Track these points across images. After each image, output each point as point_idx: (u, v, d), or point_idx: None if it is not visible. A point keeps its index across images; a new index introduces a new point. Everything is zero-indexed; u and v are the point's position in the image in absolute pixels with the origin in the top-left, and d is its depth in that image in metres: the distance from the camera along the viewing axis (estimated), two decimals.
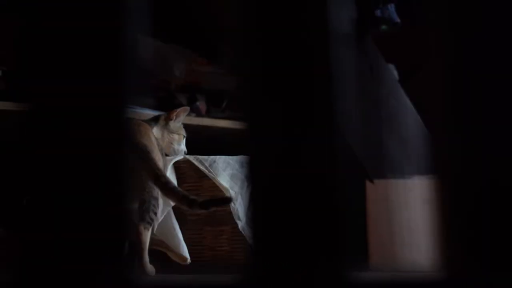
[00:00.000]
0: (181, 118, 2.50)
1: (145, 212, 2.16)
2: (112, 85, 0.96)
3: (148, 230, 2.16)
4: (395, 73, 2.82)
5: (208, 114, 2.93)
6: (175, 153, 2.47)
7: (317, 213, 0.94)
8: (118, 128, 0.96)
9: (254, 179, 0.97)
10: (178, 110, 2.50)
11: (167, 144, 2.45)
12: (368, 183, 2.43)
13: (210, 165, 2.37)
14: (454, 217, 0.95)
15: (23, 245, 0.95)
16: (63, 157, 0.95)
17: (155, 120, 2.46)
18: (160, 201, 2.20)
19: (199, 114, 2.90)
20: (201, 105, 2.94)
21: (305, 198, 0.94)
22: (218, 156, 2.40)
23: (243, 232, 2.33)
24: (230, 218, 2.35)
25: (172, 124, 2.46)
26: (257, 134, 0.97)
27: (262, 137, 0.97)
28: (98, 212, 0.94)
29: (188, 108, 2.57)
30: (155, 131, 2.41)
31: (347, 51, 0.97)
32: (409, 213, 2.41)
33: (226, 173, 2.36)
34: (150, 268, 2.15)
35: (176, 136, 2.47)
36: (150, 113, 2.61)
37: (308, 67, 0.96)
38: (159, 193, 2.17)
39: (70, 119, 0.95)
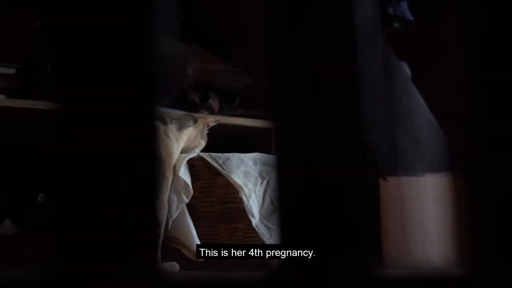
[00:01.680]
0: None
1: None
2: (141, 86, 0.96)
3: None
4: (408, 70, 2.82)
5: (221, 112, 2.93)
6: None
7: (340, 212, 0.94)
8: (148, 129, 0.96)
9: (279, 178, 0.97)
10: (213, 118, 2.53)
11: (192, 148, 2.45)
12: (381, 181, 2.43)
13: (223, 163, 2.37)
14: (473, 214, 0.95)
15: (53, 244, 0.95)
16: (94, 157, 0.95)
17: (194, 120, 2.46)
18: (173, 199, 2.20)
19: (212, 112, 2.91)
20: (214, 103, 2.95)
21: (328, 197, 0.95)
22: (231, 154, 2.41)
23: (256, 229, 2.33)
24: (244, 215, 2.35)
25: (205, 130, 2.48)
26: (284, 134, 0.97)
27: (289, 136, 0.97)
28: (129, 211, 0.95)
29: (219, 119, 2.59)
30: (191, 131, 2.42)
31: (371, 50, 0.97)
32: (422, 210, 2.41)
33: (239, 170, 2.37)
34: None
35: (202, 142, 2.48)
36: (164, 111, 2.62)
37: (335, 67, 0.96)
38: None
39: (100, 120, 0.96)
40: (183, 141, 2.40)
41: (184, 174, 2.34)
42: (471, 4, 0.96)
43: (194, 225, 2.34)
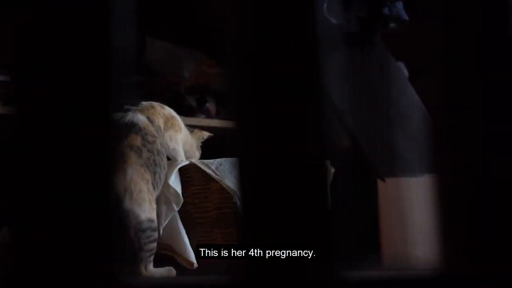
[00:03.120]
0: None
1: (139, 251, 2.09)
2: (100, 87, 0.96)
3: (151, 261, 2.12)
4: (406, 71, 2.81)
5: (218, 116, 2.93)
6: None
7: (309, 213, 0.94)
8: (107, 129, 0.96)
9: (244, 178, 0.97)
10: (208, 133, 2.55)
11: (188, 158, 2.46)
12: (379, 182, 2.42)
13: (216, 168, 2.36)
14: (452, 214, 0.95)
15: (20, 246, 0.95)
16: (53, 158, 0.95)
17: (190, 131, 2.50)
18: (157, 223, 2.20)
19: (209, 116, 2.90)
20: (211, 106, 2.94)
21: (296, 198, 0.94)
22: (224, 159, 2.40)
23: None
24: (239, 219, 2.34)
25: (200, 143, 2.50)
26: (246, 135, 0.97)
27: (251, 137, 0.97)
28: (88, 212, 0.94)
29: (212, 134, 2.61)
30: (188, 137, 2.44)
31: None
32: (420, 211, 2.40)
33: (232, 175, 2.36)
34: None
35: (197, 154, 2.49)
36: None
37: (296, 69, 0.96)
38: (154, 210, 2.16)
39: (58, 121, 0.96)
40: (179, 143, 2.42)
41: (174, 182, 2.32)
42: (472, 4, 0.96)
43: (190, 231, 2.34)
